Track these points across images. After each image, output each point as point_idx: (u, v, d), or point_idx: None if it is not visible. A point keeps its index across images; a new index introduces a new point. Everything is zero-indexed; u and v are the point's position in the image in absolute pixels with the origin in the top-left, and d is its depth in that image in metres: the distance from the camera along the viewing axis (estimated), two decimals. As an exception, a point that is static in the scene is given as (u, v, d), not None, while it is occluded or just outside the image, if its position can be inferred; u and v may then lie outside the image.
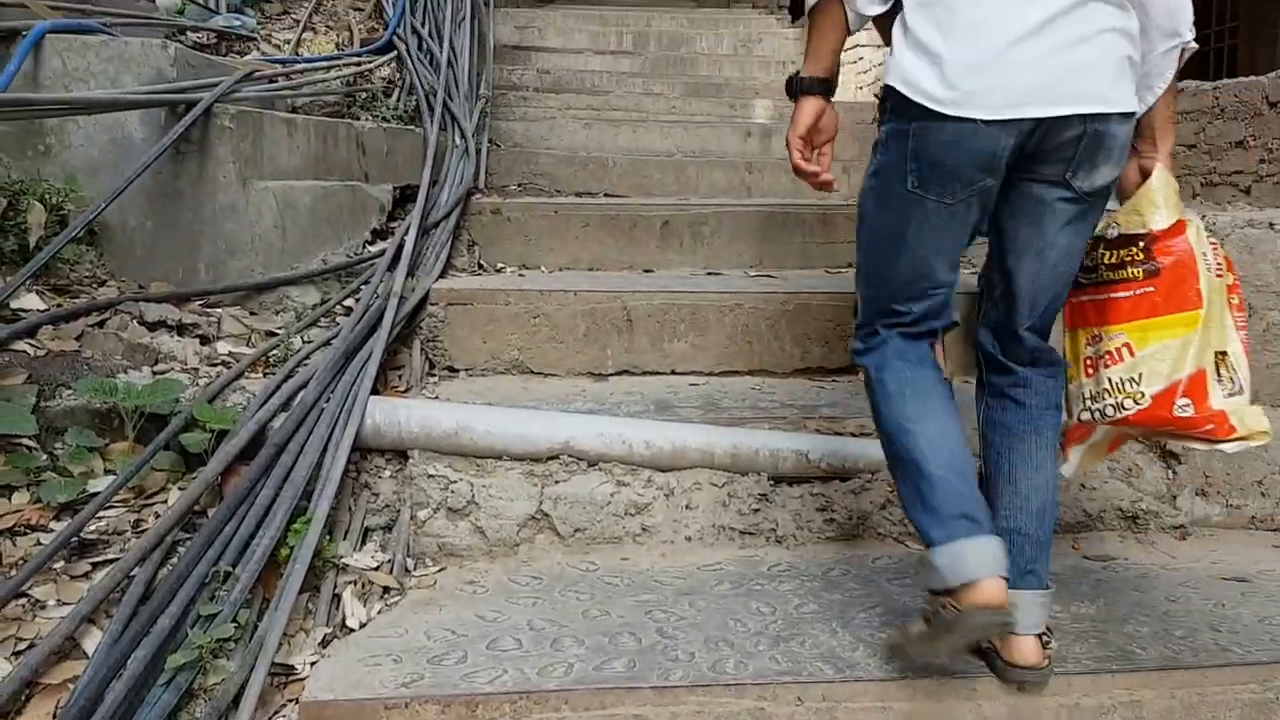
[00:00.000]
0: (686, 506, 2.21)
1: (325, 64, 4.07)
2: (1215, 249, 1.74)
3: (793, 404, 2.53)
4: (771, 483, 2.25)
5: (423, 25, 5.21)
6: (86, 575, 1.77)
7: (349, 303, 2.89)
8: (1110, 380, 1.74)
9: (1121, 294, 1.75)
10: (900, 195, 1.64)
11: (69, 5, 3.04)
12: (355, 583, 1.91)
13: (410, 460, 2.20)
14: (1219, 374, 1.70)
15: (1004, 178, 1.61)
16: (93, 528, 1.85)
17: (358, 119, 3.99)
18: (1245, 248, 2.42)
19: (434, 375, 2.76)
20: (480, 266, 3.57)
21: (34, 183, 2.39)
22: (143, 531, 1.86)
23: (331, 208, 3.12)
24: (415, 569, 2.04)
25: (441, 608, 1.89)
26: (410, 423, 2.21)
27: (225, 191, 2.67)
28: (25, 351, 2.07)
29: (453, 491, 2.14)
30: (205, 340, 2.41)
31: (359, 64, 4.26)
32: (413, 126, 4.21)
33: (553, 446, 2.23)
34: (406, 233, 3.16)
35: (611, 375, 2.84)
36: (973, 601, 1.51)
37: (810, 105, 1.74)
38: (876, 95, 1.71)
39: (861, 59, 7.30)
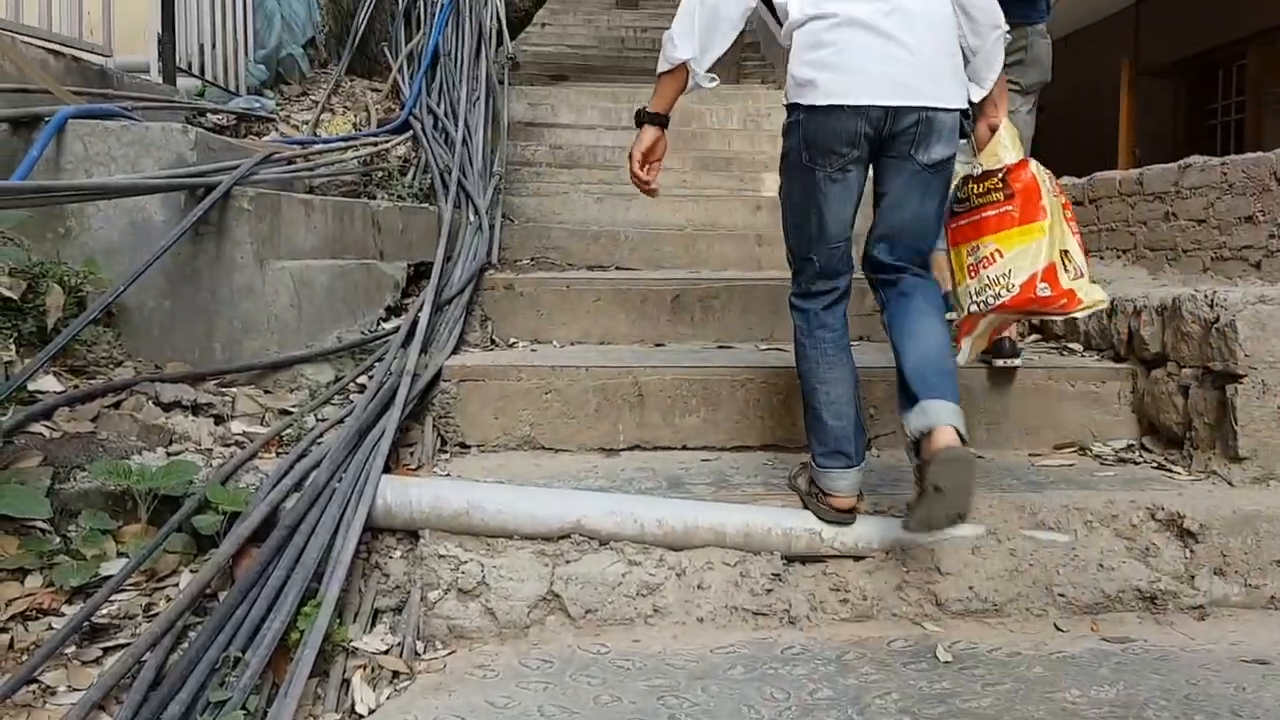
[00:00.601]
0: (699, 586, 2.19)
1: (342, 144, 4.16)
2: (1051, 177, 2.40)
3: (805, 480, 2.52)
4: (784, 562, 2.23)
5: (438, 104, 5.32)
6: (98, 660, 1.77)
7: (363, 380, 2.91)
8: (988, 278, 2.37)
9: (990, 213, 2.39)
10: (797, 169, 2.26)
11: (93, 90, 3.12)
12: (365, 667, 1.90)
13: (421, 540, 2.20)
14: (1064, 265, 2.33)
15: (872, 156, 2.25)
16: (104, 612, 1.85)
17: (374, 197, 4.06)
18: (1258, 324, 2.42)
19: (446, 452, 2.77)
20: (493, 341, 3.60)
21: (53, 265, 2.44)
22: (154, 615, 1.85)
23: (347, 286, 3.16)
24: (425, 652, 2.02)
25: (451, 693, 1.87)
26: (421, 502, 2.21)
27: (242, 272, 2.71)
28: (41, 434, 2.09)
29: (463, 572, 2.13)
30: (220, 420, 2.43)
31: (375, 143, 4.35)
32: (427, 204, 4.28)
33: (564, 526, 2.22)
34: (420, 309, 3.20)
35: (623, 450, 2.84)
36: (832, 504, 2.28)
37: (650, 133, 2.38)
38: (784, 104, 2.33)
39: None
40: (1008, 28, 2.36)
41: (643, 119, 2.38)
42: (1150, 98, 5.61)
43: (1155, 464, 2.67)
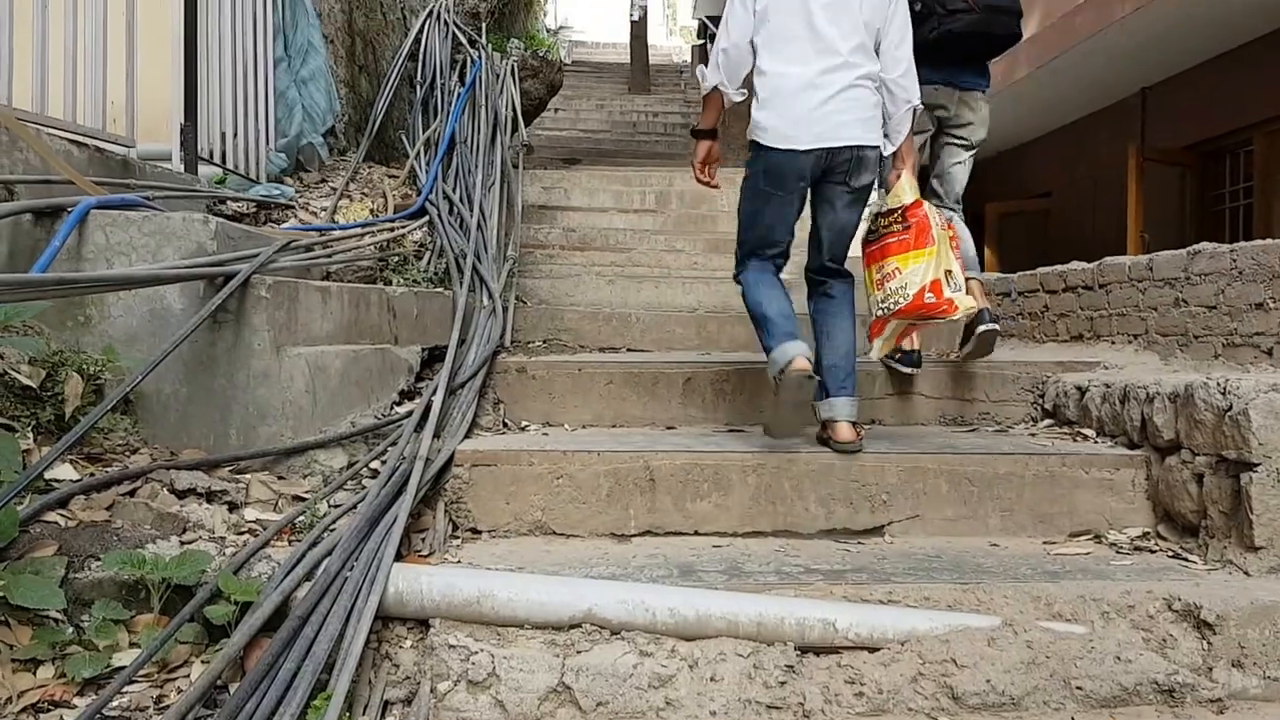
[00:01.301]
0: (711, 679, 2.16)
1: (359, 230, 4.24)
2: (941, 215, 3.20)
3: (818, 568, 2.51)
4: (798, 653, 2.21)
5: (454, 190, 5.43)
6: (104, 755, 1.75)
7: (376, 465, 2.92)
8: (890, 289, 3.15)
9: (891, 240, 3.17)
10: (759, 188, 3.06)
11: (115, 181, 3.20)
12: (374, 762, 1.87)
13: (432, 629, 2.18)
14: (947, 281, 3.09)
15: (813, 182, 3.03)
16: (116, 704, 1.84)
17: (390, 282, 4.12)
18: (1271, 413, 2.42)
19: (457, 537, 2.77)
20: (505, 424, 3.62)
21: (73, 353, 2.47)
22: (165, 708, 1.84)
23: (361, 371, 3.19)
24: (435, 746, 2.00)
25: (461, 789, 1.84)
26: (433, 591, 2.20)
27: (259, 359, 2.74)
28: (57, 522, 2.10)
29: (473, 663, 2.11)
30: (233, 507, 2.44)
31: (392, 229, 4.43)
32: (442, 289, 4.33)
33: (575, 615, 2.21)
34: (434, 394, 3.22)
35: (634, 536, 2.83)
36: (792, 369, 2.83)
37: (705, 145, 3.27)
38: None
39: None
40: (919, 100, 3.13)
41: (697, 134, 3.26)
42: (1158, 183, 5.68)
43: (1171, 553, 2.65)
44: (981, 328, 3.65)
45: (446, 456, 2.86)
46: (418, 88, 6.83)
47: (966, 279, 3.58)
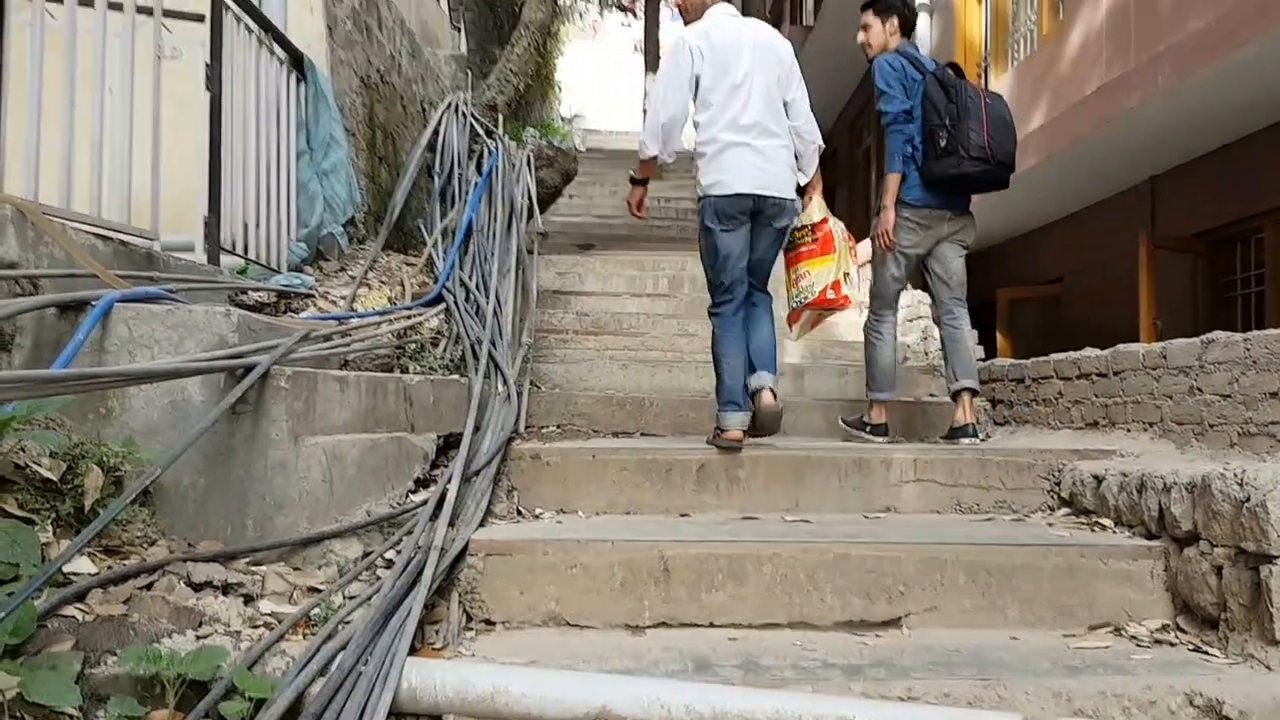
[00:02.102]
0: (728, 778, 2.12)
1: (377, 319, 4.30)
2: (842, 230, 4.13)
3: (835, 663, 2.47)
4: (816, 751, 2.17)
5: (471, 277, 5.51)
6: None
7: (390, 555, 2.92)
8: (801, 287, 4.08)
9: (804, 249, 4.13)
10: (715, 227, 3.91)
11: (139, 274, 3.27)
12: None
13: (444, 726, 2.16)
14: (845, 281, 4.04)
15: (750, 221, 3.91)
16: (125, 803, 1.82)
17: (406, 370, 4.16)
18: (1287, 503, 2.41)
19: (471, 629, 2.75)
20: (519, 512, 3.61)
21: (93, 446, 2.50)
22: (173, 809, 1.82)
23: (377, 459, 3.21)
24: None
25: None
26: (446, 686, 2.18)
27: (277, 449, 2.76)
28: (74, 617, 2.10)
29: (487, 762, 2.08)
30: (249, 599, 2.43)
31: (409, 316, 4.50)
32: (458, 375, 4.37)
33: (589, 712, 2.18)
34: (449, 482, 3.23)
35: (649, 628, 2.80)
36: (726, 437, 3.80)
37: (640, 190, 4.27)
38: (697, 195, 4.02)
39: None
40: (821, 142, 4.15)
41: (636, 181, 4.27)
42: (1170, 270, 5.73)
43: (1191, 646, 2.61)
44: (965, 440, 4.22)
45: (461, 546, 2.85)
46: (436, 178, 6.99)
47: (962, 389, 4.40)
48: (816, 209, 4.16)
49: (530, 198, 7.20)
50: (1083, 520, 3.36)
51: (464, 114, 7.56)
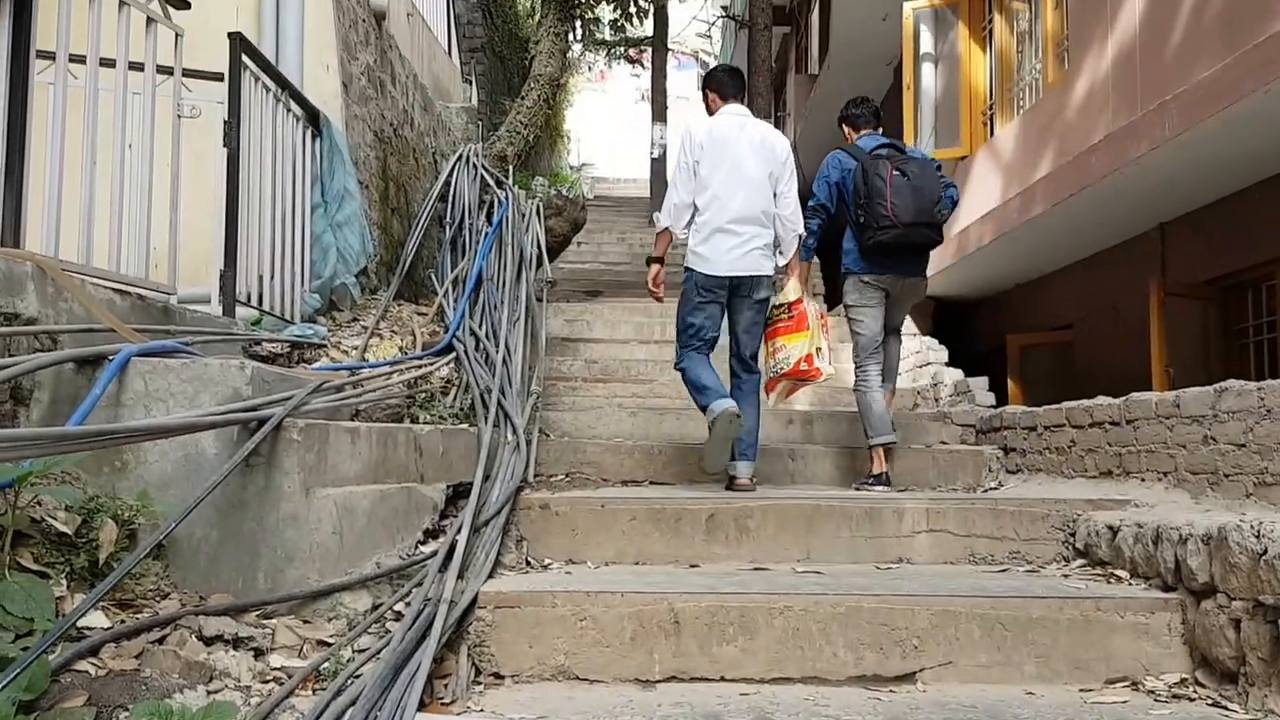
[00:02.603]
0: (741, 838, 2.10)
1: (388, 369, 4.32)
2: (817, 308, 4.59)
3: (849, 719, 2.45)
4: (830, 810, 2.15)
5: (480, 326, 5.55)
6: None
7: (400, 607, 2.91)
8: (778, 359, 4.47)
9: (781, 325, 4.55)
10: (693, 299, 4.43)
11: (155, 327, 3.30)
12: None
13: (455, 784, 2.14)
14: (817, 355, 4.44)
15: (729, 297, 4.44)
16: None
17: (417, 419, 4.18)
18: (1302, 555, 2.39)
19: (479, 683, 2.72)
20: (528, 562, 3.61)
21: (108, 499, 2.51)
22: None
23: (387, 510, 3.21)
24: None
25: None
26: (456, 743, 2.17)
27: (289, 501, 2.77)
28: (87, 671, 2.10)
29: (498, 821, 2.06)
30: (259, 653, 2.43)
31: (420, 366, 4.52)
32: (467, 425, 4.39)
33: (601, 769, 2.16)
34: (458, 532, 3.23)
35: (659, 682, 2.78)
36: (724, 413, 4.19)
37: (656, 267, 4.64)
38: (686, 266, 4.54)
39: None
40: (803, 229, 4.69)
41: (652, 260, 4.71)
42: (1181, 317, 5.73)
43: (1210, 700, 2.57)
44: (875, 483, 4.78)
45: (470, 598, 2.84)
46: (447, 228, 7.06)
47: (890, 441, 4.88)
48: (793, 289, 4.66)
49: (539, 247, 7.26)
50: (1098, 571, 3.34)
51: (475, 165, 7.65)
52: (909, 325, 7.65)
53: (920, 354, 7.09)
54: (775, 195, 4.55)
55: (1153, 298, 5.76)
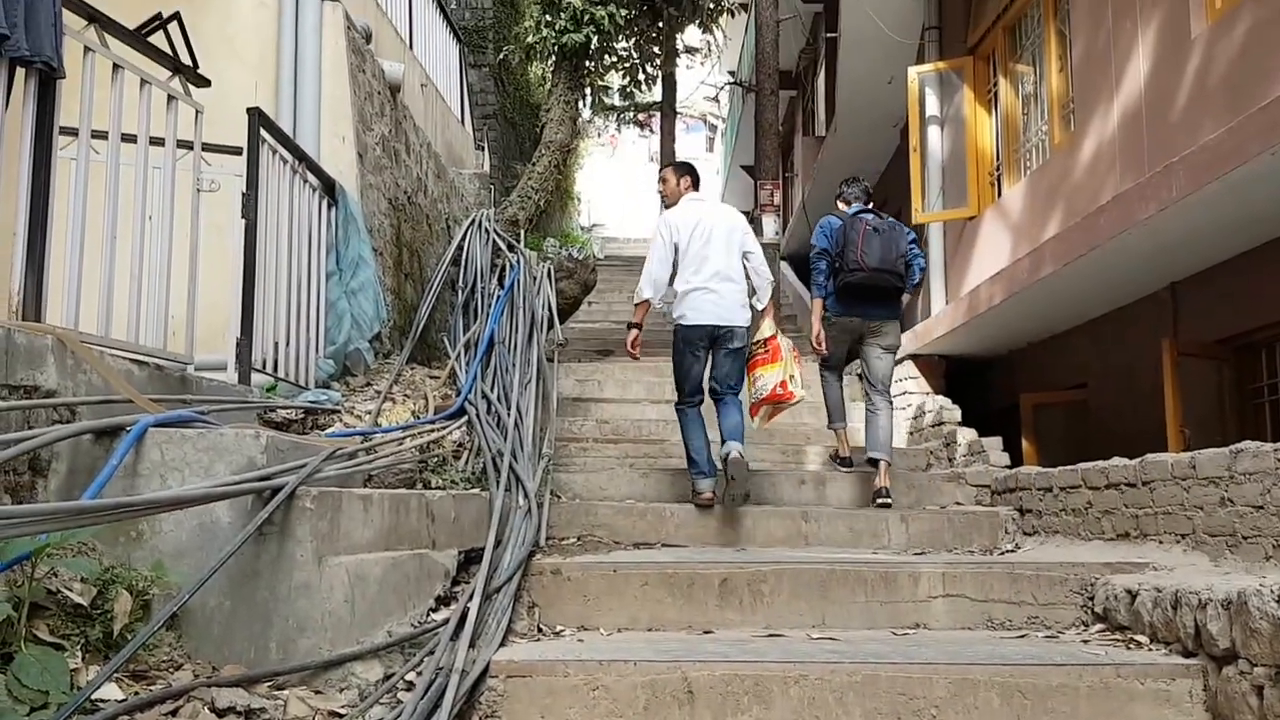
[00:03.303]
0: None
1: (401, 434, 4.34)
2: (789, 341, 5.53)
3: (866, 792, 2.41)
4: None
5: (492, 388, 5.57)
6: None
7: (411, 676, 2.89)
8: (756, 386, 5.37)
9: (759, 358, 5.44)
10: (682, 349, 5.29)
11: (172, 397, 3.34)
12: None
13: None
14: (790, 381, 5.32)
15: (711, 345, 5.27)
16: None
17: (429, 484, 4.18)
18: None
19: (491, 755, 2.70)
20: (540, 629, 3.58)
21: (123, 570, 2.52)
22: None
23: (399, 578, 3.21)
24: None
25: None
26: (469, 819, 2.14)
27: (301, 569, 2.77)
28: (98, 745, 2.09)
29: None
30: (270, 727, 2.41)
31: (432, 431, 4.54)
32: (479, 489, 4.39)
33: (616, 845, 2.13)
34: (470, 600, 3.22)
35: (674, 754, 2.74)
36: (701, 499, 5.09)
37: (635, 332, 5.53)
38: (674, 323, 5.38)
39: (910, 404, 7.56)
40: (772, 286, 5.65)
41: (632, 326, 5.54)
42: (1195, 377, 5.71)
43: (1238, 771, 2.52)
44: (879, 501, 5.40)
45: (482, 667, 2.83)
46: (459, 291, 7.13)
47: (874, 459, 5.58)
48: (768, 327, 5.55)
49: (550, 309, 7.31)
50: (1118, 637, 3.29)
51: (487, 230, 7.75)
52: (921, 384, 7.64)
53: (934, 413, 7.07)
54: (745, 255, 5.43)
55: (1166, 357, 5.75)
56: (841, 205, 5.99)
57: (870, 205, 5.97)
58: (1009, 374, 8.31)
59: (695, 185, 5.67)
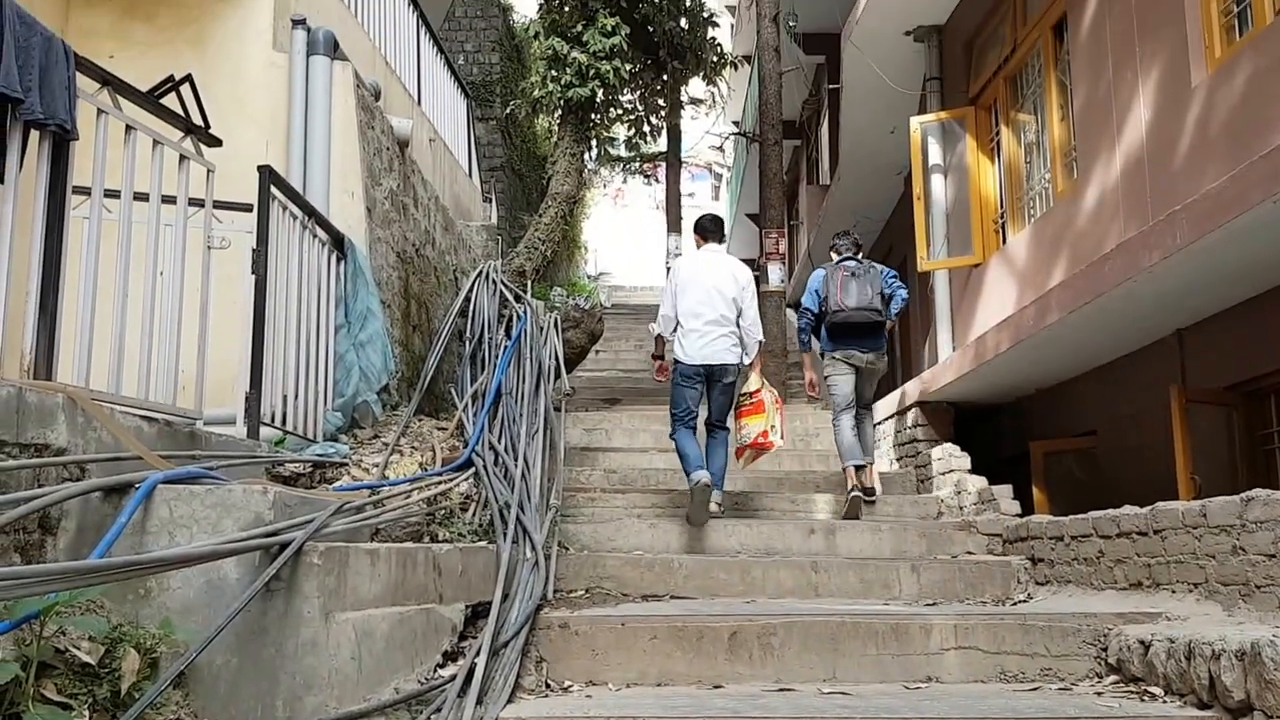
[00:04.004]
0: None
1: (408, 486, 4.34)
2: (773, 394, 6.23)
3: None
4: None
5: (499, 440, 5.58)
6: None
7: (418, 735, 2.87)
8: (742, 434, 6.11)
9: (745, 409, 6.16)
10: (678, 383, 5.96)
11: (181, 453, 3.35)
12: None
13: None
14: (771, 430, 6.05)
15: (706, 380, 5.94)
16: None
17: (436, 537, 4.17)
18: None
19: (500, 814, 2.67)
20: (548, 685, 3.55)
21: (131, 628, 2.52)
22: None
23: (406, 633, 3.19)
24: None
25: None
26: None
27: (308, 626, 2.76)
28: (103, 810, 2.07)
29: None
30: (276, 787, 2.39)
31: (439, 483, 4.54)
32: (486, 542, 4.38)
33: None
34: (478, 655, 3.20)
35: (685, 813, 2.71)
36: (700, 482, 5.57)
37: (659, 361, 6.29)
38: (669, 359, 6.20)
39: (919, 453, 7.53)
40: (761, 338, 6.17)
41: (655, 355, 6.29)
42: (1204, 423, 5.69)
43: (1258, 828, 2.48)
44: (868, 497, 6.36)
45: (490, 726, 2.80)
46: (467, 342, 7.16)
47: (861, 465, 6.44)
48: (754, 382, 6.20)
49: (557, 359, 7.33)
50: (1132, 689, 3.25)
51: (494, 281, 7.81)
52: (929, 431, 7.62)
53: (942, 460, 7.04)
54: (740, 311, 6.04)
55: (1174, 404, 5.72)
56: (833, 255, 6.87)
57: (858, 255, 6.80)
58: (1017, 420, 8.27)
59: (708, 238, 6.34)
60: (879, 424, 8.40)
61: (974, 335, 7.82)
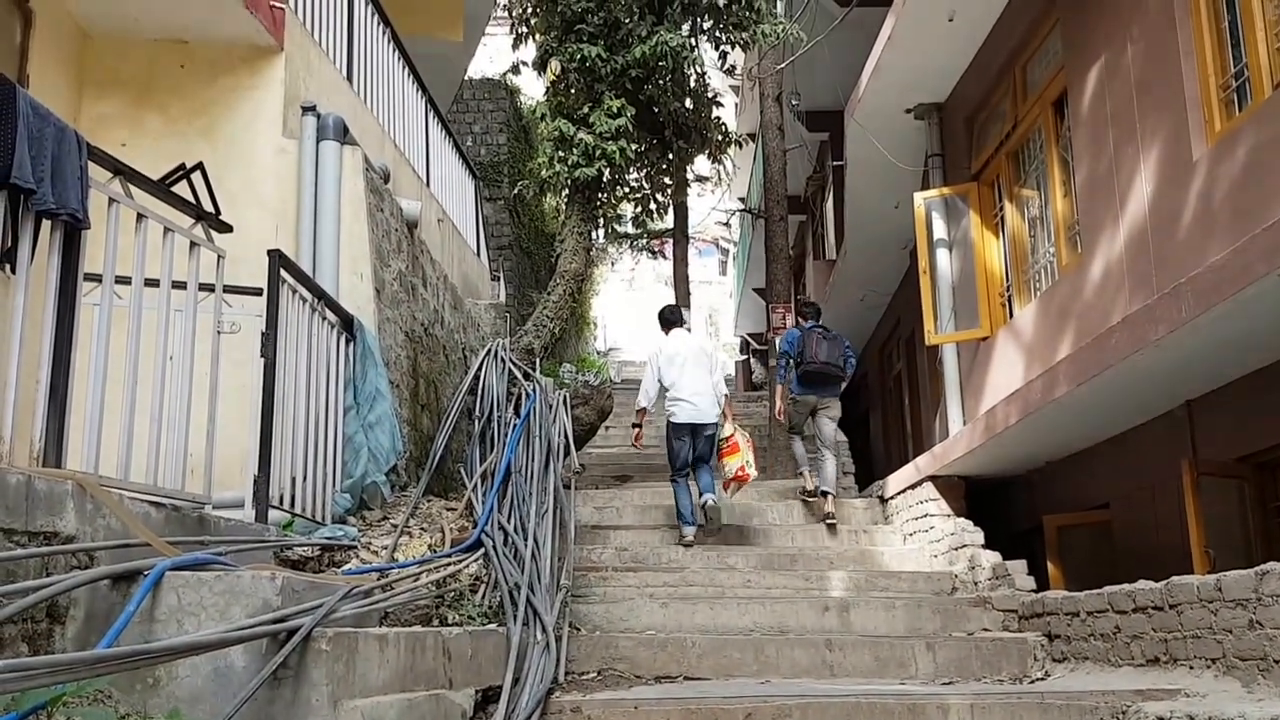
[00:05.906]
0: None
1: (417, 568, 4.32)
2: (746, 436, 7.97)
3: None
4: None
5: (509, 519, 5.55)
6: None
7: (426, 827, 2.81)
8: (724, 470, 7.78)
9: (724, 450, 7.77)
10: (672, 437, 7.65)
11: (189, 539, 3.34)
12: None
13: None
14: (747, 465, 7.67)
15: (692, 435, 7.59)
16: None
17: (445, 619, 4.14)
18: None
19: None
20: (559, 775, 3.49)
21: (139, 718, 2.49)
22: None
23: (415, 721, 3.14)
24: None
25: None
26: None
27: (316, 715, 2.73)
28: None
29: None
30: None
31: (449, 564, 4.51)
32: (495, 624, 4.33)
33: None
34: (487, 744, 3.15)
35: None
36: (685, 538, 7.38)
37: (638, 429, 8.03)
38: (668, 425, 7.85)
39: (932, 528, 7.46)
40: (728, 392, 8.06)
41: (635, 425, 7.95)
42: (1217, 496, 5.64)
43: None
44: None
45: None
46: (476, 421, 7.18)
47: (827, 491, 7.99)
48: (728, 429, 7.69)
49: (567, 436, 7.33)
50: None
51: (502, 359, 7.85)
52: (942, 506, 7.55)
53: (955, 535, 6.97)
54: (710, 372, 7.68)
55: (1185, 477, 5.68)
56: (801, 320, 8.75)
57: (820, 322, 8.61)
58: (1030, 494, 8.21)
59: (671, 326, 8.00)
60: (890, 499, 8.38)
61: (984, 408, 7.80)
